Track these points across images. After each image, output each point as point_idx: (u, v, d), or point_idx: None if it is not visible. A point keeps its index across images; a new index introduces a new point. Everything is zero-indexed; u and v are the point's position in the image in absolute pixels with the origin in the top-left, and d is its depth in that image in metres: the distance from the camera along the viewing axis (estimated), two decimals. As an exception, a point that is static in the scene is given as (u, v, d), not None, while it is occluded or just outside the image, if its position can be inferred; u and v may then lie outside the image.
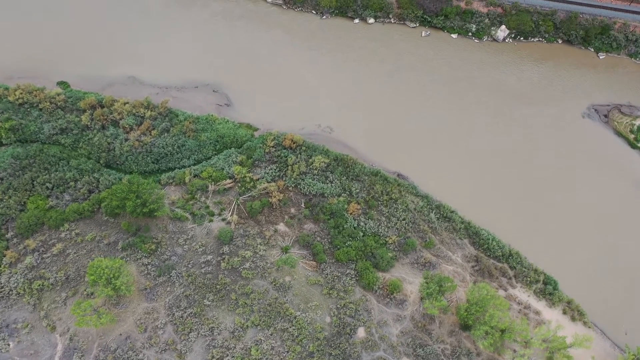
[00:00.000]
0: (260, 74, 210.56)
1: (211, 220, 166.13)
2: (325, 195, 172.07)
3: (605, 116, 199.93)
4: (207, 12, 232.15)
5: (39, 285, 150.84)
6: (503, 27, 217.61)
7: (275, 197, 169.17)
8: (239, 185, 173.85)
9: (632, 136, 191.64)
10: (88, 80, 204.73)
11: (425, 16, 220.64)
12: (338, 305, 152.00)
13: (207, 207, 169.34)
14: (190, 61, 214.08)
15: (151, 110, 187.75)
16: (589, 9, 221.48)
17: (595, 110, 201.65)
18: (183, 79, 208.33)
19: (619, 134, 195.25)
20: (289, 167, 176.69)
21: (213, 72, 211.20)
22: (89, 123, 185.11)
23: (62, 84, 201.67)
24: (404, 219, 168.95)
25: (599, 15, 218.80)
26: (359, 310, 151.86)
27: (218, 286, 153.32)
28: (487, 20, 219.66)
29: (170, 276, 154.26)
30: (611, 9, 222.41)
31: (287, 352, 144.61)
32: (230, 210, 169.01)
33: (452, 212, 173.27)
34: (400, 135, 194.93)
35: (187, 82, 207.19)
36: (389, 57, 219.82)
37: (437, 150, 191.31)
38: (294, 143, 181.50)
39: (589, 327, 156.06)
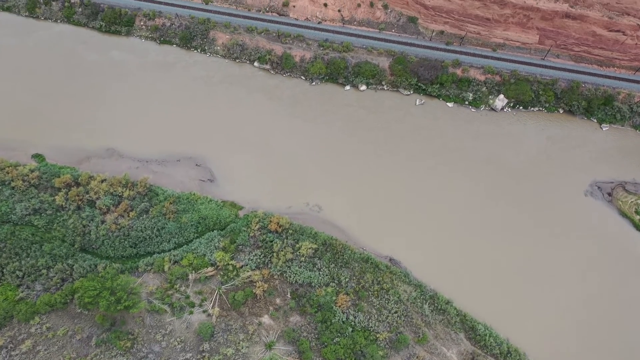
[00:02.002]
0: (245, 146, 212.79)
1: (191, 312, 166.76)
2: (313, 285, 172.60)
3: (609, 194, 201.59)
4: (187, 77, 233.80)
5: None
6: (501, 96, 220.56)
7: (259, 287, 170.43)
8: (221, 273, 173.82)
9: (637, 217, 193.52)
10: (64, 153, 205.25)
11: (419, 84, 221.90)
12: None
13: (188, 297, 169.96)
14: (171, 131, 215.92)
15: (130, 190, 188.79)
16: (592, 78, 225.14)
17: (599, 187, 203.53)
18: (164, 151, 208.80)
19: (623, 214, 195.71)
20: (275, 254, 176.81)
21: (195, 144, 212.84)
22: (63, 203, 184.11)
23: (37, 156, 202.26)
24: (395, 312, 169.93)
25: (602, 85, 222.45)
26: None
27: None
28: (484, 89, 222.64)
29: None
30: (615, 78, 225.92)
31: None
32: (211, 301, 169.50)
33: (447, 303, 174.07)
34: (391, 213, 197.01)
35: (168, 154, 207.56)
36: (382, 126, 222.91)
37: (430, 230, 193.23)
38: (280, 227, 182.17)
39: None
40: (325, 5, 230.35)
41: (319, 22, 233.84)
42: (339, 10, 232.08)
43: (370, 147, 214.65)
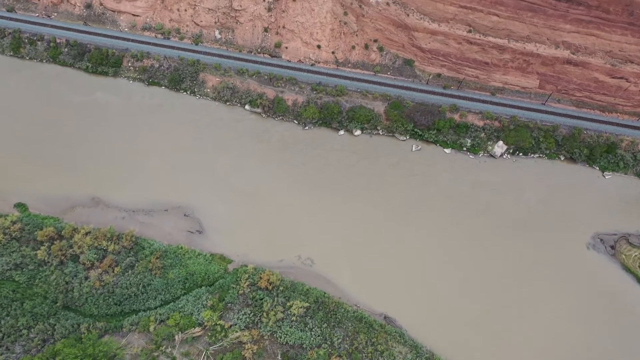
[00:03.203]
0: (235, 194, 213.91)
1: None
2: (305, 346, 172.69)
3: (612, 247, 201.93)
4: (176, 120, 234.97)
5: None
6: (500, 142, 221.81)
7: (248, 349, 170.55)
8: (209, 334, 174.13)
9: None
10: (48, 202, 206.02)
11: (416, 130, 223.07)
12: None
13: (174, 358, 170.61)
14: (158, 178, 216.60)
15: (115, 244, 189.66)
16: (594, 124, 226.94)
17: (601, 239, 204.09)
18: (151, 200, 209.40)
19: (627, 269, 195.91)
20: (265, 313, 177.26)
21: (184, 192, 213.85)
22: (46, 258, 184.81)
23: (20, 206, 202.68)
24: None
25: (605, 132, 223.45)
26: None
27: None
28: (483, 135, 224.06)
29: None
30: (618, 124, 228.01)
31: None
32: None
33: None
34: (385, 266, 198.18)
35: (155, 204, 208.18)
36: (376, 174, 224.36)
37: (426, 285, 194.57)
38: (270, 284, 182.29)
39: None
40: (319, 46, 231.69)
41: (312, 64, 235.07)
42: (333, 52, 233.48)
43: (363, 196, 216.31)
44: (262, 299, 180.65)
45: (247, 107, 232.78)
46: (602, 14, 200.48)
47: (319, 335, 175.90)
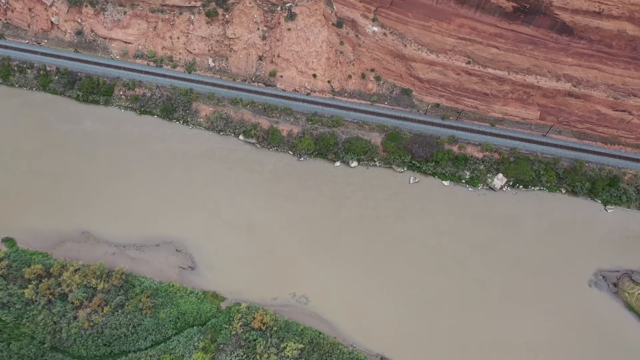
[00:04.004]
0: (227, 229, 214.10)
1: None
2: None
3: (615, 284, 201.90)
4: (167, 151, 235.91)
5: None
6: (500, 175, 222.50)
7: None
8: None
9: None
10: (37, 237, 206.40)
11: (413, 162, 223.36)
12: None
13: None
14: (149, 211, 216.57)
15: (104, 282, 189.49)
16: (596, 157, 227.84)
17: (603, 277, 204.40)
18: (142, 234, 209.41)
19: (630, 307, 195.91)
20: (258, 355, 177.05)
21: (176, 226, 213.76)
22: (33, 297, 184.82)
23: (8, 241, 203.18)
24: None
25: (607, 165, 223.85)
26: None
27: None
28: (482, 167, 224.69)
29: None
30: (620, 157, 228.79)
31: None
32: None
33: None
34: (381, 304, 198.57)
35: (147, 238, 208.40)
36: (373, 206, 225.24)
37: (423, 323, 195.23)
38: (263, 324, 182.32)
39: None
40: (315, 75, 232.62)
41: (308, 93, 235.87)
42: (329, 81, 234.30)
43: (359, 230, 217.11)
44: (255, 340, 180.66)
45: (241, 137, 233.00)
46: (604, 48, 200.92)
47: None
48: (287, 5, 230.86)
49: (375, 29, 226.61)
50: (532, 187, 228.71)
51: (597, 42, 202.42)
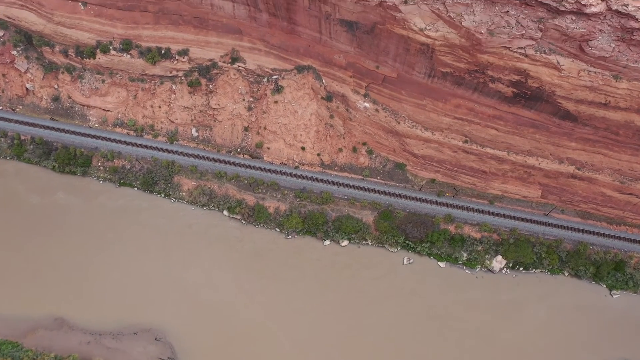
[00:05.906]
0: (210, 313, 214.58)
1: None
2: None
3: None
4: (145, 227, 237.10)
5: None
6: (499, 257, 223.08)
7: None
8: None
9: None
10: (7, 324, 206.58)
11: (407, 242, 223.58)
12: None
13: None
14: (125, 295, 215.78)
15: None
16: (601, 239, 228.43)
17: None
18: (119, 320, 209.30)
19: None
20: None
21: (153, 311, 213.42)
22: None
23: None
24: None
25: (613, 248, 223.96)
26: None
27: None
28: (480, 248, 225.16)
29: None
30: (626, 239, 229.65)
31: None
32: None
33: None
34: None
35: (124, 325, 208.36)
36: (365, 289, 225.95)
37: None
38: None
39: None
40: (303, 148, 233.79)
41: (296, 166, 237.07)
42: (319, 154, 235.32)
43: (353, 317, 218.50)
44: None
45: (225, 212, 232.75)
46: (610, 135, 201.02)
47: None
48: (273, 77, 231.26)
49: (367, 104, 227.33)
50: (533, 270, 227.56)
51: (603, 129, 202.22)
